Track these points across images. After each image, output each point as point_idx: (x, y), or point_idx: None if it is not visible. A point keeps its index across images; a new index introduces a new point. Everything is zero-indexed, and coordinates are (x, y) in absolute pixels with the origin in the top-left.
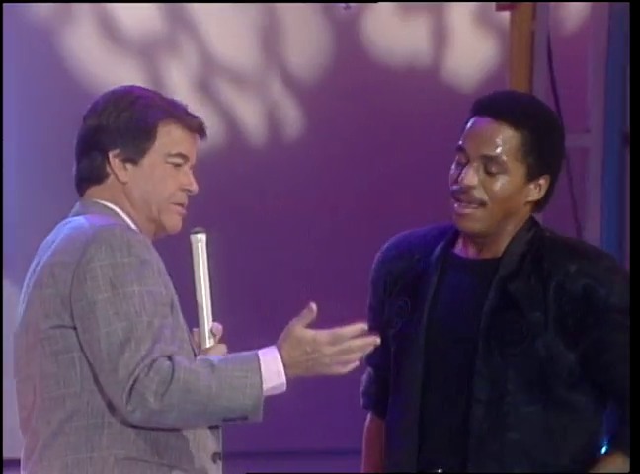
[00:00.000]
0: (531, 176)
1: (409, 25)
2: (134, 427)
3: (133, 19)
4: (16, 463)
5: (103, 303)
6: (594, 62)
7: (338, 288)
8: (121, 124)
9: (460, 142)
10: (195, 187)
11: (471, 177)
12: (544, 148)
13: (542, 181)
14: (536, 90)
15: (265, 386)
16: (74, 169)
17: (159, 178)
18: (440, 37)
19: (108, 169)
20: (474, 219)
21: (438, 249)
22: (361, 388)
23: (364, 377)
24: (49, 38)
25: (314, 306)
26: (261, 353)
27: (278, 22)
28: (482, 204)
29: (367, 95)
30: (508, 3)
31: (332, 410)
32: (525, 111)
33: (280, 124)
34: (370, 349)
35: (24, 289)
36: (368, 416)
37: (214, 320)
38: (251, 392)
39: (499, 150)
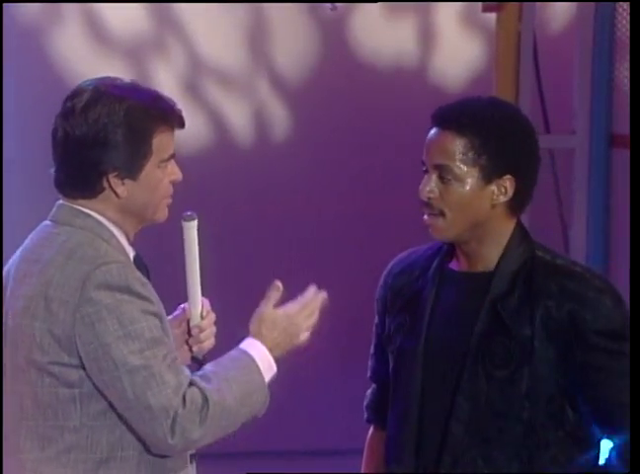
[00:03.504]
0: (488, 178)
1: (396, 25)
2: (135, 459)
3: (121, 19)
4: None
5: (116, 344)
6: (579, 63)
7: (324, 287)
8: (118, 143)
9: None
10: (180, 175)
11: (428, 187)
12: (498, 149)
13: (506, 182)
14: (522, 91)
15: (266, 382)
16: (56, 170)
17: (155, 184)
18: (427, 37)
19: (104, 185)
20: (439, 229)
21: (434, 264)
22: (365, 402)
23: (369, 392)
24: (37, 38)
25: (279, 284)
26: (248, 349)
27: (264, 22)
28: (442, 214)
29: (354, 95)
30: (494, 4)
31: (330, 410)
32: (469, 115)
33: (267, 124)
34: (325, 303)
35: (10, 284)
36: (371, 429)
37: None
38: (261, 393)
39: (446, 158)
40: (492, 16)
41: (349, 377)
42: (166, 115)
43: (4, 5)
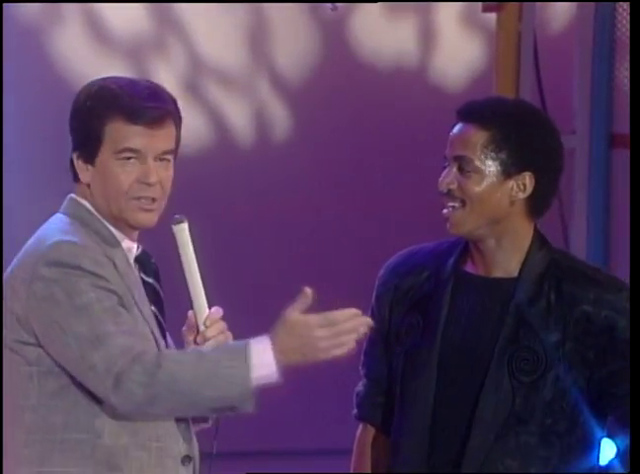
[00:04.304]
0: (508, 173)
1: (396, 25)
2: (90, 442)
3: (121, 19)
4: None
5: (64, 315)
6: (579, 63)
7: (324, 287)
8: (76, 127)
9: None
10: (151, 178)
11: (447, 178)
12: (519, 145)
13: (526, 179)
14: (523, 90)
15: (253, 375)
16: None
17: (110, 175)
18: (427, 37)
19: (76, 169)
20: (457, 221)
21: (448, 265)
22: (357, 400)
23: (360, 390)
24: (38, 38)
25: (309, 291)
26: (252, 342)
27: (265, 22)
28: (462, 203)
29: (355, 95)
30: (494, 4)
31: (327, 409)
32: (493, 110)
33: (267, 124)
34: (365, 330)
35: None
36: (361, 427)
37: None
38: (238, 382)
39: (468, 150)
40: (492, 16)
41: (350, 376)
42: (129, 106)
43: (4, 5)
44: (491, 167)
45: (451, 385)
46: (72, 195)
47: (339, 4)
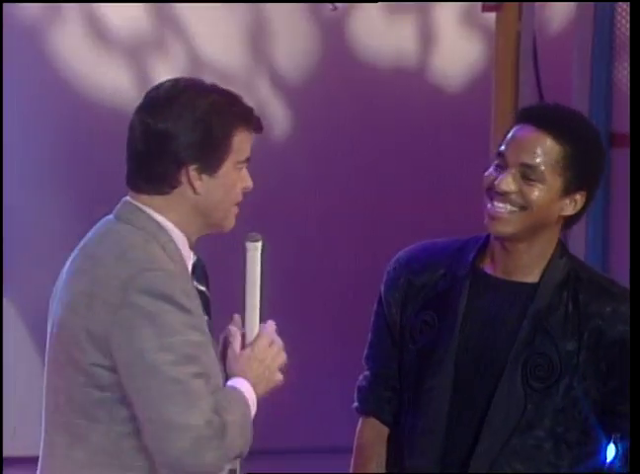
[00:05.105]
0: (567, 190)
1: (396, 25)
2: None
3: (122, 19)
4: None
5: (150, 352)
6: (578, 62)
7: (326, 286)
8: (199, 137)
9: (502, 147)
10: (251, 184)
11: (509, 183)
12: (584, 164)
13: (578, 196)
14: (522, 90)
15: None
16: (130, 164)
17: (231, 185)
18: (427, 37)
19: (182, 180)
20: (508, 222)
21: (465, 264)
22: (359, 394)
23: (363, 384)
24: (38, 37)
25: (238, 318)
26: (239, 388)
27: (265, 22)
28: (522, 208)
29: (354, 94)
30: (494, 4)
31: (323, 407)
32: (569, 124)
33: (267, 124)
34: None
35: (64, 278)
36: (363, 421)
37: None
38: (250, 428)
39: (539, 160)
40: (491, 16)
41: (350, 373)
42: (247, 115)
43: (4, 5)
44: (557, 182)
45: (466, 386)
46: (135, 202)
47: (339, 4)
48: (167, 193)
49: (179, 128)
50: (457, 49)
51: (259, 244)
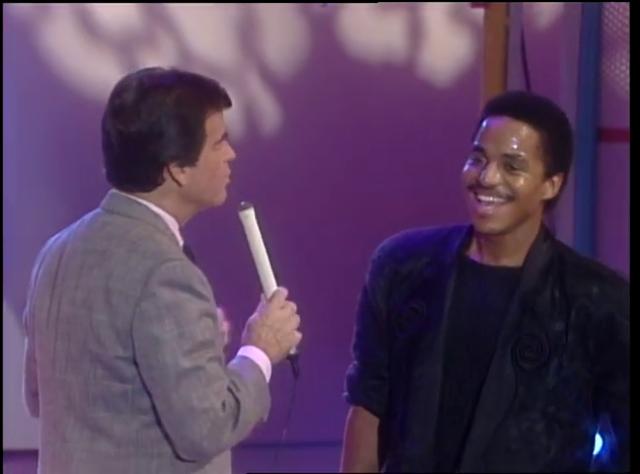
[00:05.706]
0: (548, 174)
1: (385, 22)
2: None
3: (112, 16)
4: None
5: (169, 343)
6: (566, 58)
7: (319, 280)
8: (174, 134)
9: (477, 142)
10: (233, 154)
11: (494, 175)
12: (561, 146)
13: (556, 178)
14: (510, 85)
15: (267, 383)
16: (109, 167)
17: (214, 167)
18: (416, 33)
19: (165, 176)
20: (497, 218)
21: (450, 252)
22: (348, 383)
23: (352, 373)
24: (29, 34)
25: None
26: (249, 357)
27: (255, 19)
28: (509, 198)
29: (344, 91)
30: (482, 0)
31: (319, 402)
32: (542, 110)
33: (257, 120)
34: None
35: (62, 273)
36: (353, 410)
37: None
38: (267, 395)
39: (519, 148)
40: (480, 12)
41: (339, 369)
42: (213, 97)
43: None
44: (539, 167)
45: (456, 372)
46: (124, 194)
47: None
48: (153, 189)
49: (153, 130)
50: (446, 45)
51: (251, 210)
